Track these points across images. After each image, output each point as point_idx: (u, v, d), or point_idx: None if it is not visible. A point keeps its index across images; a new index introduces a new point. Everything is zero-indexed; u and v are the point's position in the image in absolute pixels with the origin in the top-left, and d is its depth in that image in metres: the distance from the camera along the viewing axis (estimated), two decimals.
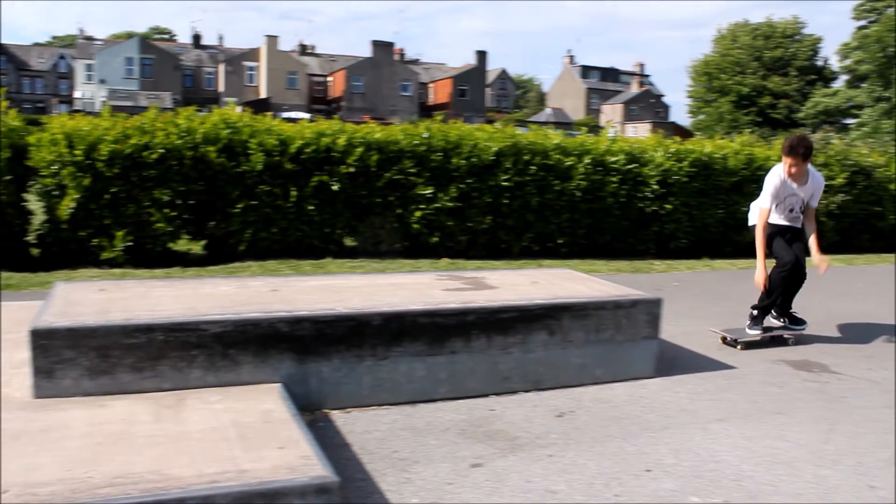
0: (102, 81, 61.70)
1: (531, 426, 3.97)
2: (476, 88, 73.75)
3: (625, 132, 53.70)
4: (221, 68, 68.12)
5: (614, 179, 9.83)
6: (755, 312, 5.95)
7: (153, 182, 7.76)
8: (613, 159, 9.87)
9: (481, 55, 74.70)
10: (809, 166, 5.79)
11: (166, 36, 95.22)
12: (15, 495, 2.57)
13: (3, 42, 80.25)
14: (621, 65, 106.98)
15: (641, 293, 4.95)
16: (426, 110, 64.64)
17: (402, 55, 76.55)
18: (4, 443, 3.00)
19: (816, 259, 5.75)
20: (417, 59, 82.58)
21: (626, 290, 5.02)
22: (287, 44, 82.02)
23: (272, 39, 66.44)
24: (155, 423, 3.27)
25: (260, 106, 10.47)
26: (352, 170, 8.45)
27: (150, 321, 3.66)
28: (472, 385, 4.29)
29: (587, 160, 9.66)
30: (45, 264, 7.71)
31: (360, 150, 8.46)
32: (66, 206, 7.56)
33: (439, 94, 74.26)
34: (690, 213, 10.42)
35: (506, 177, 9.15)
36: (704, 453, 3.69)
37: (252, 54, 67.53)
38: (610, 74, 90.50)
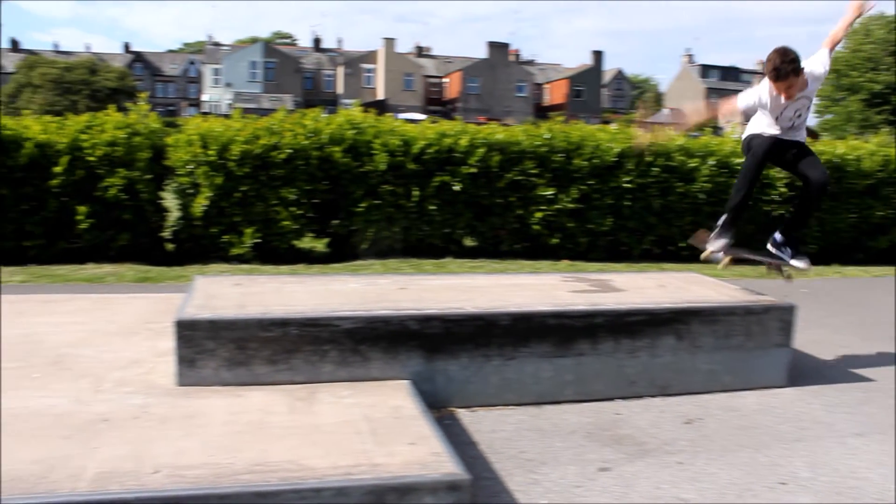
0: (228, 85, 64.20)
1: (659, 432, 3.89)
2: (592, 89, 72.98)
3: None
4: (340, 71, 69.72)
5: None
6: (722, 219, 5.13)
7: (280, 181, 8.02)
8: (739, 161, 9.56)
9: (597, 55, 73.90)
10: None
11: (288, 40, 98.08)
12: (165, 476, 2.70)
13: (139, 50, 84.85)
14: (742, 63, 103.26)
15: (774, 299, 4.77)
16: (541, 111, 64.36)
17: (517, 56, 76.50)
18: (151, 426, 3.16)
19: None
20: (532, 60, 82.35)
21: (757, 295, 4.86)
22: (404, 46, 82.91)
23: (389, 42, 67.60)
24: (289, 415, 3.37)
25: (377, 107, 10.69)
26: (473, 170, 8.50)
27: (285, 315, 3.78)
28: (598, 388, 4.24)
29: (711, 161, 9.41)
30: (178, 259, 8.08)
31: (481, 150, 8.50)
32: (200, 203, 7.90)
33: (554, 94, 73.82)
34: (820, 218, 9.98)
35: (628, 178, 9.01)
36: (843, 469, 3.52)
37: (370, 57, 68.84)
38: (730, 73, 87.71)
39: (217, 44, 74.49)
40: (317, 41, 75.33)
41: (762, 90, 4.80)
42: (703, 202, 9.37)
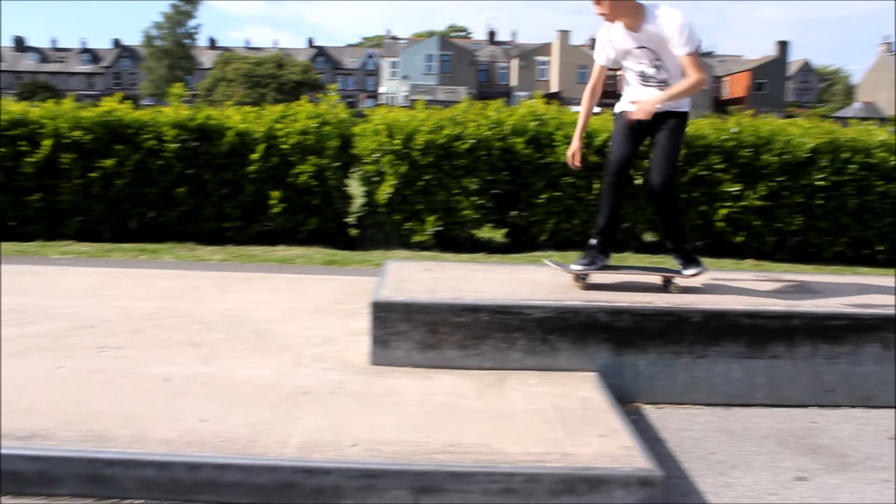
0: (405, 77, 65.88)
1: (860, 445, 3.66)
2: (775, 81, 69.57)
3: None
4: (514, 63, 69.91)
5: None
6: (593, 241, 4.44)
7: (462, 171, 8.14)
8: None
9: (782, 45, 70.37)
10: (646, 3, 4.16)
11: (463, 33, 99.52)
12: (363, 449, 2.83)
13: (321, 45, 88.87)
14: None
15: None
16: (720, 105, 62.03)
17: None
18: (348, 402, 3.31)
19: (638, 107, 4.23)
20: (711, 52, 79.41)
21: None
22: (578, 38, 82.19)
23: (564, 34, 67.14)
24: (479, 399, 3.43)
25: (552, 99, 10.63)
26: None
27: (477, 302, 3.85)
28: (792, 394, 4.04)
29: None
30: (362, 244, 8.38)
31: None
32: (384, 191, 8.15)
33: (734, 87, 70.97)
34: None
35: (821, 175, 8.52)
36: None
37: (544, 49, 68.66)
38: None
39: (395, 38, 76.54)
40: (491, 34, 76.01)
41: (606, 31, 4.36)
42: None
